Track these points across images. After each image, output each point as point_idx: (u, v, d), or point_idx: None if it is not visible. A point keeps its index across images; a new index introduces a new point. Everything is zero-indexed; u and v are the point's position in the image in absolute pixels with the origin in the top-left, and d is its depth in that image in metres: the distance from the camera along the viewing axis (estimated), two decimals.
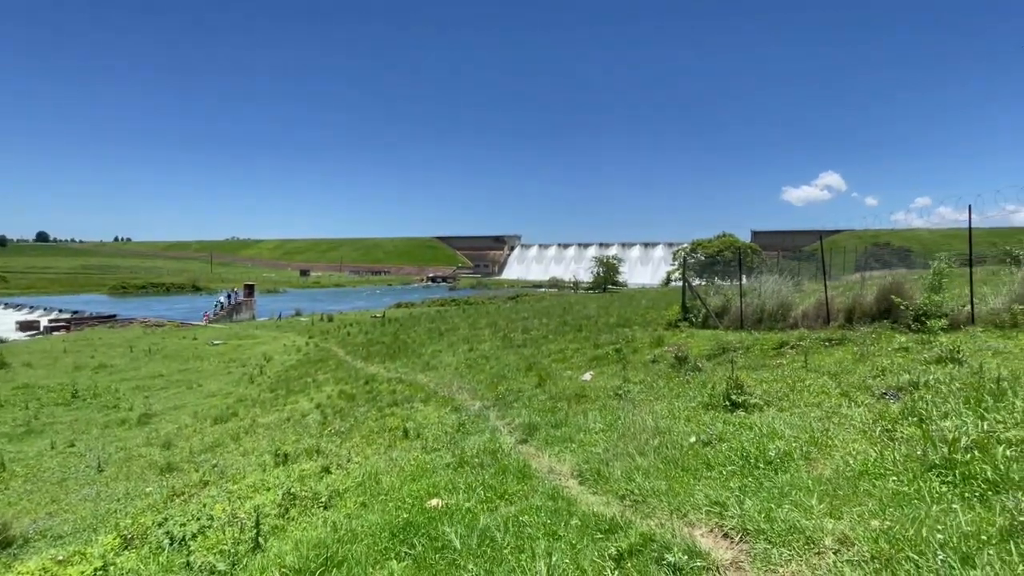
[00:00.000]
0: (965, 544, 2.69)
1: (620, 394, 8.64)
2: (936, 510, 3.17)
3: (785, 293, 11.67)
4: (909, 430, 4.51)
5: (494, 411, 9.58)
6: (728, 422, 5.82)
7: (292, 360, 23.87)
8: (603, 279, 55.31)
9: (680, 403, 7.22)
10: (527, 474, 5.53)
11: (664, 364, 10.23)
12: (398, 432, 9.24)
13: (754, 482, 4.21)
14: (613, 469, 5.12)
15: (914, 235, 68.93)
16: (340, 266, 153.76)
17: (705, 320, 13.17)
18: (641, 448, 5.53)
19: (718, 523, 3.68)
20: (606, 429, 6.71)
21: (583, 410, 8.14)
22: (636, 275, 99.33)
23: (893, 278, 10.07)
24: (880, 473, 3.88)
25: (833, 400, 6.00)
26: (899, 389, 5.78)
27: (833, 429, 4.99)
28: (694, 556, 3.18)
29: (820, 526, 3.23)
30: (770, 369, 8.14)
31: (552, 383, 10.86)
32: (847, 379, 6.68)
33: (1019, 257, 8.98)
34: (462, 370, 14.68)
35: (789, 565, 2.97)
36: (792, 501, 3.68)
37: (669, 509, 4.06)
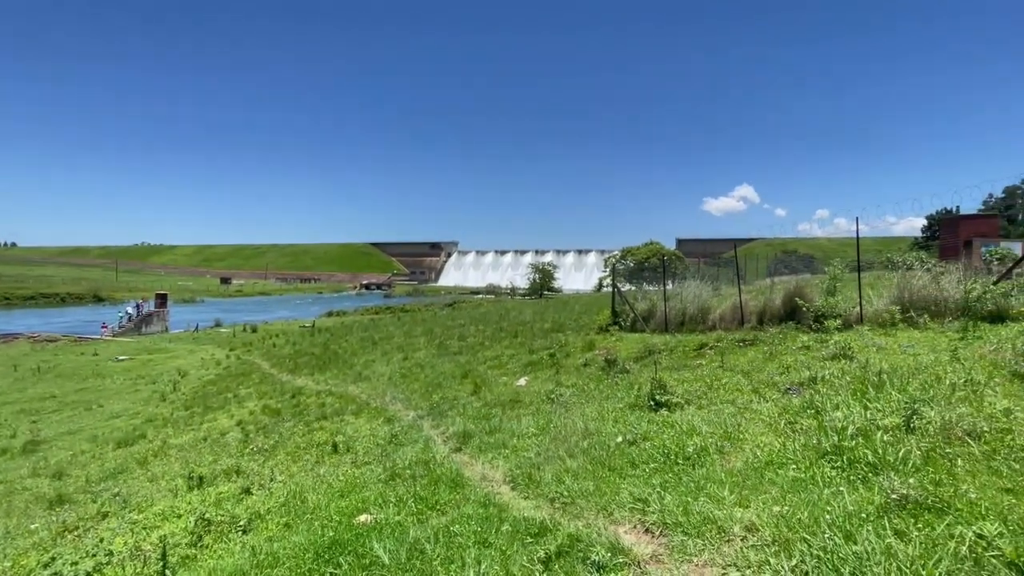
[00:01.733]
0: (848, 523, 2.99)
1: (553, 398, 8.81)
2: (827, 493, 3.50)
3: (705, 297, 12.44)
4: (808, 422, 4.95)
5: (428, 420, 9.45)
6: (652, 421, 6.11)
7: (210, 375, 22.25)
8: (539, 285, 56.31)
9: (609, 405, 7.48)
10: (460, 483, 5.50)
11: (595, 367, 10.56)
12: (327, 447, 8.88)
13: (674, 477, 4.44)
14: (544, 473, 5.21)
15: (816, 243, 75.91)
16: (266, 273, 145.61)
17: (633, 324, 13.74)
18: (571, 450, 5.67)
19: (641, 519, 3.84)
20: (539, 433, 6.82)
21: (517, 415, 8.22)
22: (571, 281, 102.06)
23: (797, 283, 11.05)
24: (783, 462, 4.23)
25: (745, 397, 6.46)
26: (801, 384, 6.33)
27: (744, 424, 5.38)
28: (617, 553, 3.30)
29: (730, 515, 3.46)
30: (691, 369, 8.63)
31: (487, 390, 10.88)
32: (758, 377, 7.23)
33: (897, 263, 10.18)
34: (396, 380, 14.36)
35: (703, 555, 3.16)
36: (707, 494, 3.92)
37: (596, 508, 4.19)
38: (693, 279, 14.26)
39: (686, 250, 74.31)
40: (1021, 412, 4.12)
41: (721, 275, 15.11)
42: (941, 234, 33.04)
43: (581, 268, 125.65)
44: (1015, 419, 3.98)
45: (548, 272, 58.05)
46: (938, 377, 5.31)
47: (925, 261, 10.16)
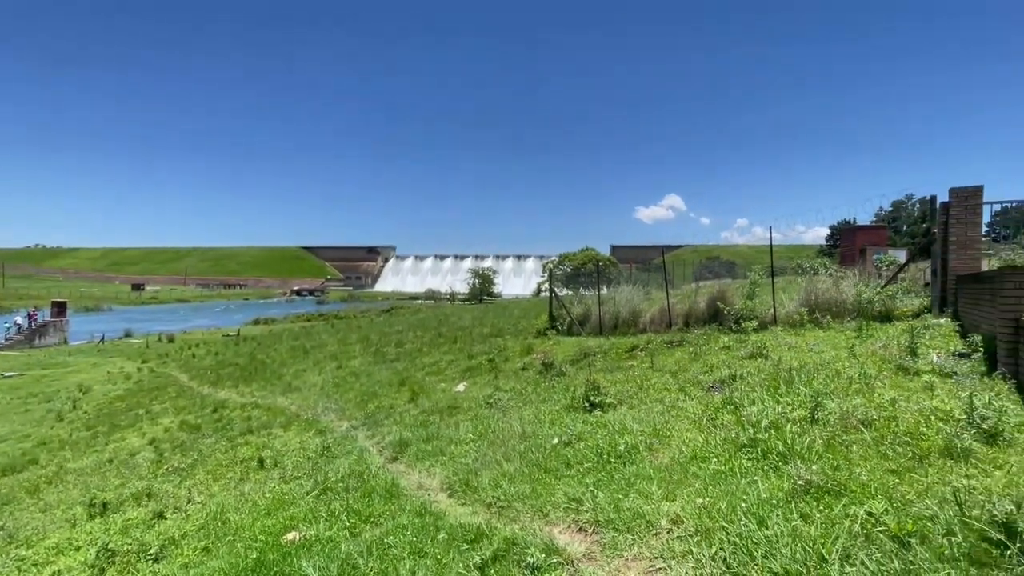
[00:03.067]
0: (761, 509, 3.23)
1: (491, 403, 8.83)
2: (744, 483, 3.75)
3: (637, 302, 12.98)
4: (727, 417, 5.29)
5: (363, 430, 9.16)
6: (587, 422, 6.28)
7: (119, 390, 20.32)
8: (479, 290, 56.29)
9: (546, 407, 7.61)
10: (395, 493, 5.37)
11: (533, 371, 10.70)
12: (252, 463, 8.37)
13: (606, 476, 4.59)
14: (481, 478, 5.21)
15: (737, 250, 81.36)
16: (185, 279, 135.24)
17: (570, 328, 14.08)
18: (508, 454, 5.70)
19: (575, 518, 3.93)
20: (477, 439, 6.81)
21: (455, 422, 8.16)
22: (510, 286, 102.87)
23: (719, 287, 11.80)
24: (705, 456, 4.49)
25: (672, 395, 6.80)
26: (722, 382, 6.76)
27: (672, 421, 5.66)
28: (551, 553, 3.36)
29: (658, 509, 3.62)
30: (623, 371, 8.96)
31: (425, 397, 10.73)
32: (684, 376, 7.63)
33: (805, 269, 11.14)
34: (329, 390, 13.81)
35: (632, 549, 3.28)
36: (637, 490, 4.08)
37: (532, 511, 4.24)
38: (626, 284, 14.84)
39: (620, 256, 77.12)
40: (904, 401, 4.63)
41: (651, 280, 15.84)
42: (841, 243, 36.56)
43: (520, 273, 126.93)
44: (899, 408, 4.47)
45: (488, 277, 58.17)
46: (838, 372, 5.85)
47: (828, 267, 11.20)
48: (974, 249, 8.35)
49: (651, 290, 14.09)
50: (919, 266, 13.01)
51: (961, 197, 8.43)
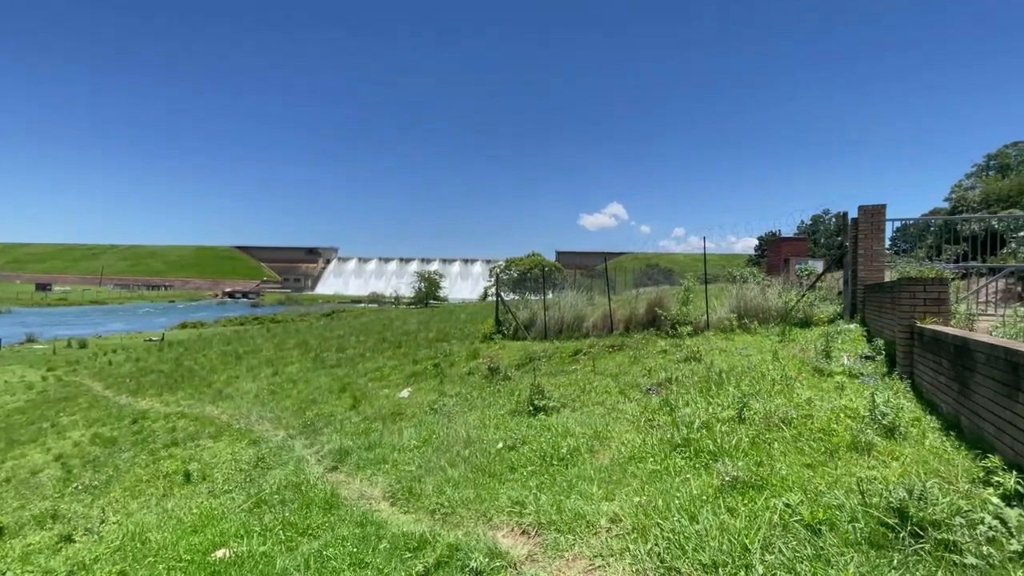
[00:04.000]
0: (693, 505, 3.42)
1: (436, 408, 8.76)
2: (677, 481, 3.96)
3: (580, 307, 13.30)
4: (664, 418, 5.55)
5: (301, 440, 8.81)
6: (531, 426, 6.37)
7: (18, 401, 18.35)
8: (425, 294, 55.46)
9: (491, 412, 7.64)
10: (335, 504, 5.21)
11: (479, 376, 10.71)
12: (177, 477, 7.84)
13: (549, 478, 4.69)
14: (425, 485, 5.16)
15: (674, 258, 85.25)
16: (101, 279, 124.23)
17: (516, 332, 14.21)
18: (453, 460, 5.69)
19: (518, 521, 3.99)
20: (421, 445, 6.73)
21: (399, 428, 8.02)
22: (457, 290, 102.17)
23: (658, 293, 12.32)
24: (643, 456, 4.68)
25: (613, 398, 7.03)
26: (659, 385, 7.07)
27: (612, 423, 5.86)
28: (495, 557, 3.40)
29: (598, 509, 3.75)
30: (567, 374, 9.16)
31: (368, 403, 10.46)
32: (624, 379, 7.91)
33: (735, 277, 11.88)
34: (264, 397, 13.16)
35: (573, 549, 3.38)
36: (578, 491, 4.20)
37: (476, 516, 4.26)
38: (570, 289, 15.18)
39: (565, 262, 78.69)
40: (819, 400, 5.05)
41: (595, 286, 16.28)
42: (767, 253, 39.25)
43: (467, 277, 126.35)
44: (815, 407, 4.87)
45: (434, 281, 57.45)
46: (763, 374, 6.29)
47: (756, 276, 11.99)
48: (879, 261, 9.23)
49: (594, 295, 14.48)
50: (834, 276, 14.17)
51: (868, 214, 9.31)
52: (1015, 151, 34.49)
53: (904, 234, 18.83)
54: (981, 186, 29.89)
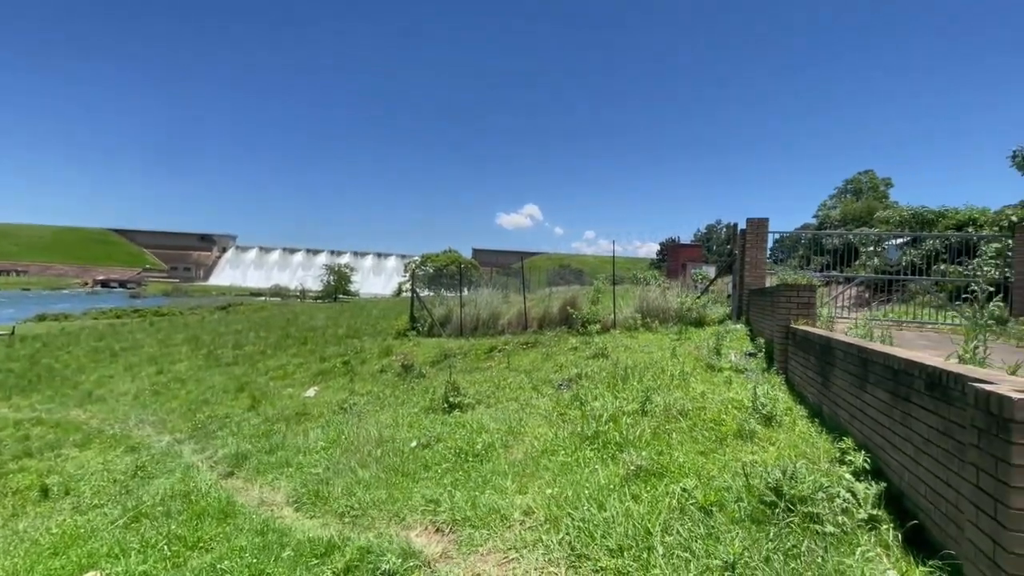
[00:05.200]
0: (601, 494, 3.62)
1: (346, 407, 8.42)
2: (587, 472, 4.16)
3: (496, 304, 13.46)
4: (574, 412, 5.79)
5: (190, 444, 8.04)
6: (446, 423, 6.35)
7: None
8: (334, 288, 52.66)
9: (404, 410, 7.50)
10: (231, 512, 4.83)
11: (391, 373, 10.45)
12: (31, 493, 6.81)
13: (464, 475, 4.70)
14: (334, 487, 4.95)
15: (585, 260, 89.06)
16: None
17: (431, 329, 14.04)
18: (364, 460, 5.51)
19: (432, 519, 3.96)
20: (329, 446, 6.44)
21: (304, 429, 7.61)
22: (369, 284, 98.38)
23: (570, 293, 12.81)
24: (555, 450, 4.86)
25: (527, 394, 7.21)
26: (570, 380, 7.36)
27: (526, 418, 6.00)
28: (408, 557, 3.35)
29: (512, 503, 3.83)
30: (482, 371, 9.23)
31: (269, 404, 9.79)
32: (537, 375, 8.14)
33: (640, 279, 12.70)
34: (146, 399, 11.82)
35: (487, 544, 3.43)
36: (493, 486, 4.26)
37: (388, 516, 4.17)
38: (487, 287, 15.30)
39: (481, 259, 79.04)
40: (711, 393, 5.56)
41: (510, 284, 16.54)
42: (667, 257, 42.45)
43: (381, 272, 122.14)
44: (708, 399, 5.35)
45: (344, 274, 54.77)
46: (663, 370, 6.78)
47: (657, 279, 12.90)
48: (761, 268, 10.33)
49: (510, 294, 14.72)
50: (724, 280, 15.64)
51: (754, 226, 10.38)
52: (865, 178, 40.29)
53: (781, 245, 21.31)
54: (840, 206, 34.58)
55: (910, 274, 12.62)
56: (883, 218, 20.27)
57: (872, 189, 38.52)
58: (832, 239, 14.73)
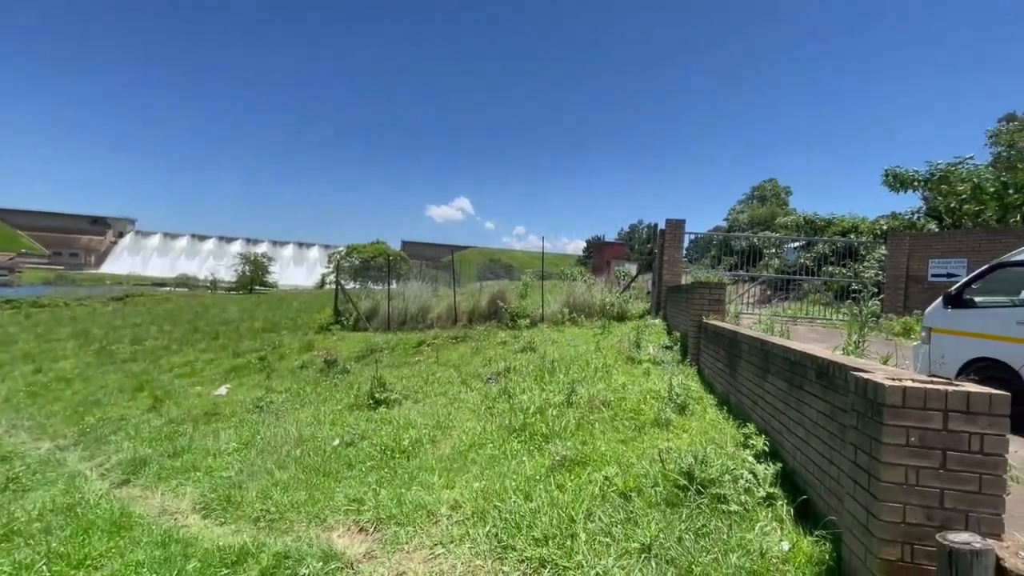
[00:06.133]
0: (527, 485, 3.69)
1: (262, 406, 7.94)
2: (514, 464, 4.22)
3: (426, 298, 13.26)
4: (502, 405, 5.86)
5: (77, 451, 7.21)
6: (371, 420, 6.17)
7: None
8: (250, 279, 49.08)
9: (327, 407, 7.20)
10: (125, 524, 4.39)
11: (313, 369, 9.98)
12: None
13: (390, 472, 4.60)
14: (248, 491, 4.66)
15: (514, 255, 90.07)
16: None
17: (357, 323, 13.56)
18: (282, 461, 5.23)
19: (355, 519, 3.84)
20: (242, 447, 6.04)
21: (214, 430, 7.07)
22: (289, 276, 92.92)
23: (499, 288, 12.91)
24: (483, 443, 4.89)
25: (455, 388, 7.18)
26: (499, 374, 7.43)
27: (454, 413, 5.98)
28: (330, 560, 3.23)
29: (439, 498, 3.81)
30: (410, 366, 9.07)
31: (174, 403, 9.00)
32: (466, 369, 8.13)
33: (567, 275, 13.06)
34: (20, 401, 10.43)
35: (413, 541, 3.38)
36: (419, 482, 4.21)
37: (308, 518, 3.99)
38: (416, 280, 15.03)
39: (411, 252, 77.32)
40: (632, 384, 5.84)
41: (440, 278, 16.36)
42: (593, 255, 44.01)
43: (302, 262, 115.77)
44: (628, 390, 5.62)
45: (261, 264, 51.17)
46: (587, 362, 7.03)
47: (583, 275, 13.32)
48: (678, 267, 10.99)
49: (440, 287, 14.56)
50: (645, 277, 16.46)
51: (672, 227, 11.02)
52: (770, 185, 44.15)
53: (696, 245, 22.78)
54: (748, 211, 37.59)
55: (804, 274, 13.99)
56: (783, 223, 22.30)
57: (775, 196, 42.20)
58: (740, 241, 15.98)
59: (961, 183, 14.69)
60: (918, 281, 11.10)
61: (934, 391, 2.01)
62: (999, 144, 15.35)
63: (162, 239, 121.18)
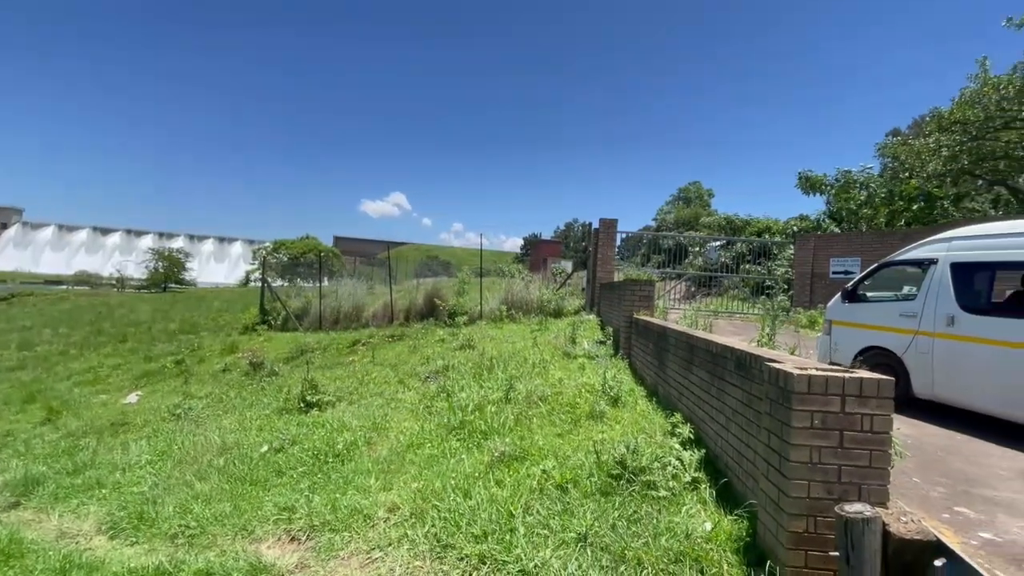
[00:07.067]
0: (467, 482, 3.70)
1: (180, 414, 7.37)
2: (453, 462, 4.21)
3: (360, 296, 12.86)
4: (441, 404, 5.81)
5: None
6: (302, 423, 5.91)
7: None
8: (164, 276, 45.12)
9: (253, 412, 6.81)
10: (15, 552, 3.93)
11: (238, 372, 9.40)
12: None
13: (323, 477, 4.44)
14: (164, 507, 4.32)
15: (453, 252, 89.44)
16: None
17: (286, 322, 12.91)
18: (203, 472, 4.89)
19: (287, 528, 3.68)
20: (157, 459, 5.59)
21: (123, 443, 6.49)
22: (209, 273, 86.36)
23: (436, 285, 12.77)
24: (421, 443, 4.83)
25: (393, 388, 7.04)
26: (437, 372, 7.36)
27: (391, 413, 5.86)
28: (258, 573, 3.08)
29: (375, 501, 3.72)
30: (344, 366, 8.77)
31: (73, 414, 8.15)
32: (404, 368, 7.99)
33: (505, 272, 13.16)
34: None
35: (349, 546, 3.29)
36: (355, 486, 4.09)
37: (234, 531, 3.77)
38: (350, 278, 14.53)
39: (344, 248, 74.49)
40: (568, 379, 6.00)
41: (376, 275, 15.92)
42: (531, 252, 44.65)
43: (224, 258, 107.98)
44: (564, 384, 5.77)
45: (177, 260, 47.15)
46: (525, 359, 7.13)
47: (521, 272, 13.48)
48: (611, 265, 11.40)
49: (375, 285, 14.17)
50: (580, 275, 16.92)
51: (606, 225, 11.40)
52: (694, 187, 46.89)
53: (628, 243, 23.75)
54: (675, 211, 39.67)
55: (725, 272, 14.99)
56: (706, 223, 23.74)
57: (699, 198, 44.84)
58: (667, 240, 16.84)
59: (858, 190, 16.34)
60: (822, 278, 12.22)
61: (834, 378, 2.24)
62: (885, 156, 17.23)
63: (56, 231, 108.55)
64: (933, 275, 4.91)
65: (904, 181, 15.56)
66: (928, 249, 5.12)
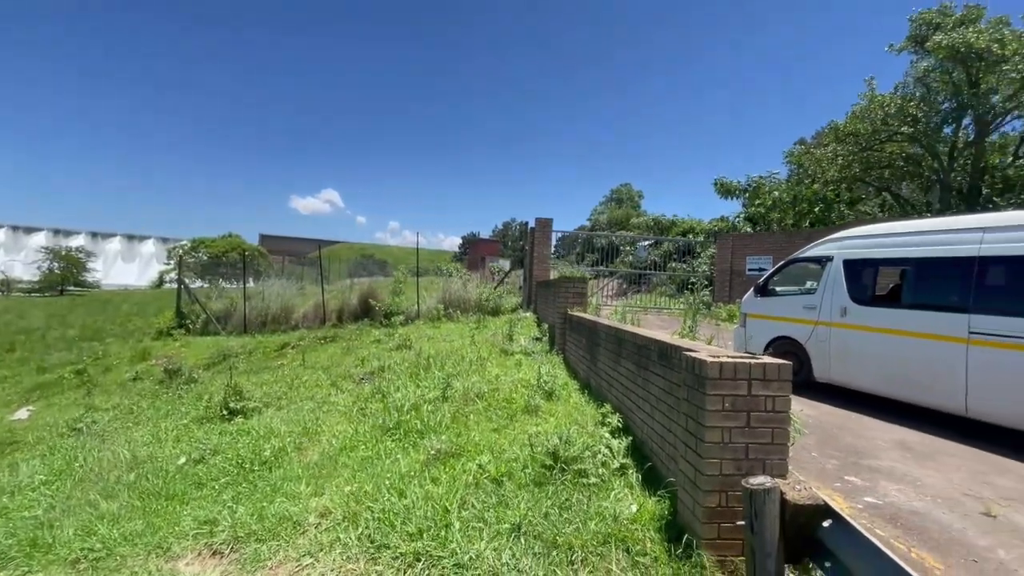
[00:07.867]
0: (402, 482, 3.66)
1: (81, 428, 6.71)
2: (388, 463, 4.15)
3: (289, 296, 12.28)
4: (376, 405, 5.70)
5: None
6: (225, 432, 5.58)
7: None
8: (60, 277, 40.57)
9: (169, 422, 6.34)
10: None
11: (151, 381, 8.69)
12: None
13: (249, 486, 4.22)
14: (62, 530, 3.93)
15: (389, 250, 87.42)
16: None
17: (206, 326, 12.08)
18: (110, 489, 4.50)
19: (207, 543, 3.46)
20: (54, 479, 5.07)
21: (11, 463, 5.81)
22: (117, 273, 78.70)
23: (371, 284, 12.46)
24: (355, 445, 4.72)
25: (325, 391, 6.80)
26: (372, 373, 7.20)
27: (323, 417, 5.67)
28: None
29: (306, 507, 3.60)
30: (272, 371, 8.36)
31: None
32: (336, 371, 7.74)
33: (443, 271, 13.08)
34: None
35: (277, 555, 3.15)
36: (284, 493, 3.93)
37: (147, 550, 3.49)
38: (278, 278, 13.84)
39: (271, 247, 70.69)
40: (504, 375, 6.08)
41: (306, 275, 15.26)
42: (469, 251, 44.57)
43: (133, 258, 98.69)
44: (501, 381, 5.84)
45: (77, 260, 42.61)
46: (463, 357, 7.15)
47: (459, 271, 13.45)
48: (547, 263, 11.65)
49: (306, 285, 13.58)
50: (517, 273, 17.13)
51: (541, 225, 11.63)
52: (625, 189, 48.84)
53: (563, 243, 24.35)
54: (608, 212, 41.12)
55: (654, 269, 15.75)
56: (636, 224, 24.81)
57: (629, 199, 46.70)
58: (600, 240, 17.43)
59: (767, 194, 17.76)
60: (739, 274, 13.16)
61: (742, 364, 2.45)
62: (792, 163, 18.87)
63: None
64: (829, 271, 5.45)
65: (807, 186, 17.10)
66: (825, 247, 5.68)
